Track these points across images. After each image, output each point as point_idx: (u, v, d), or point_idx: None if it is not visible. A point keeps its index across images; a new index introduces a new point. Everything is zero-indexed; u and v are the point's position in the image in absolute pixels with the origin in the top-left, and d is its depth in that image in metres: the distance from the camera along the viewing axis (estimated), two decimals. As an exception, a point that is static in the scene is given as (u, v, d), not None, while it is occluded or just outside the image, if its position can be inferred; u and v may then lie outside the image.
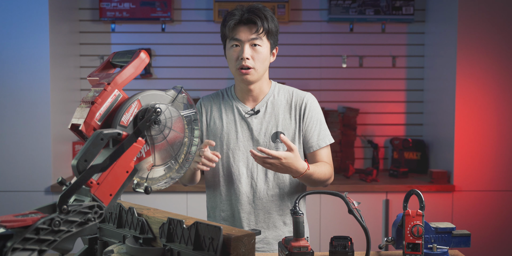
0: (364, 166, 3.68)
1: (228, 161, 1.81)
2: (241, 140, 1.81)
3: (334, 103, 3.68)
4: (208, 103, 1.88)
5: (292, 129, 1.82)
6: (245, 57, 1.71)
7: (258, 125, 1.81)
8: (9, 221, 0.88)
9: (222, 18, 1.81)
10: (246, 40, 1.72)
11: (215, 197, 1.86)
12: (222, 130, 1.83)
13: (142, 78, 3.61)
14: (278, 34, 1.81)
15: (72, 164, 0.98)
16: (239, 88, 1.84)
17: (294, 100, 1.84)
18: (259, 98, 1.84)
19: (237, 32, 1.72)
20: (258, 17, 1.71)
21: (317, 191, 1.45)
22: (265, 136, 1.80)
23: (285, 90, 1.87)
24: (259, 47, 1.73)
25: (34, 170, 3.04)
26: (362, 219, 1.33)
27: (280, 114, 1.82)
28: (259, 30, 1.71)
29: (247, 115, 1.82)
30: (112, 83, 1.07)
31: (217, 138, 1.83)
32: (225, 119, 1.83)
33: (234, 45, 1.74)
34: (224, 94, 1.89)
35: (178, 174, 1.22)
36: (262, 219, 1.81)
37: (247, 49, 1.72)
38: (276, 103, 1.83)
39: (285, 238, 1.35)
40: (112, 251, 1.26)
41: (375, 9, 3.54)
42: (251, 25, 1.72)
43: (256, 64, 1.73)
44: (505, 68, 3.14)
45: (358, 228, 1.55)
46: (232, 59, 1.75)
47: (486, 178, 3.15)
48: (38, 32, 3.03)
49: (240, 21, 1.72)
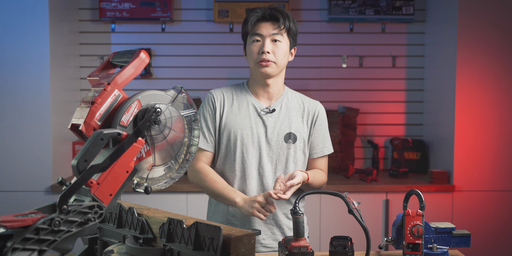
0: (364, 166, 3.68)
1: (242, 156, 1.83)
2: (255, 137, 1.83)
3: (334, 103, 3.68)
4: (220, 96, 1.88)
5: (304, 132, 1.86)
6: (266, 50, 1.75)
7: (272, 123, 1.84)
8: (9, 221, 0.88)
9: (244, 19, 1.86)
10: (268, 35, 1.77)
11: None
12: (235, 124, 1.84)
13: (142, 78, 3.61)
14: (297, 35, 1.86)
15: (72, 164, 0.98)
16: (256, 83, 1.86)
17: (307, 106, 1.89)
18: (274, 97, 1.87)
19: (259, 28, 1.78)
20: (281, 14, 1.77)
21: (317, 191, 1.45)
22: (278, 135, 1.83)
23: (296, 95, 1.93)
24: (280, 43, 1.78)
25: (34, 170, 3.04)
26: (362, 219, 1.33)
27: (293, 116, 1.86)
28: (281, 26, 1.76)
29: (262, 112, 1.84)
30: (112, 83, 1.07)
31: (231, 132, 1.83)
32: (239, 114, 1.84)
33: (256, 40, 1.78)
34: (237, 89, 1.90)
35: (178, 174, 1.22)
36: (270, 216, 1.85)
37: (268, 43, 1.77)
38: (289, 105, 1.87)
39: (285, 238, 1.35)
40: (112, 251, 1.26)
41: (375, 9, 3.54)
42: (273, 21, 1.77)
43: (276, 59, 1.77)
44: (505, 68, 3.14)
45: (358, 228, 1.55)
46: (252, 53, 1.79)
47: (486, 178, 3.15)
48: (38, 32, 3.03)
49: (263, 17, 1.78)
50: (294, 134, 1.84)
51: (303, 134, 1.86)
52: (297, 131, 1.84)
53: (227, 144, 1.84)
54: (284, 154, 1.83)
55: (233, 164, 1.83)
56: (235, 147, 1.82)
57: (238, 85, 1.92)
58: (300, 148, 1.86)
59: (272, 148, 1.82)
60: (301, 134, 1.85)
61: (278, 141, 1.82)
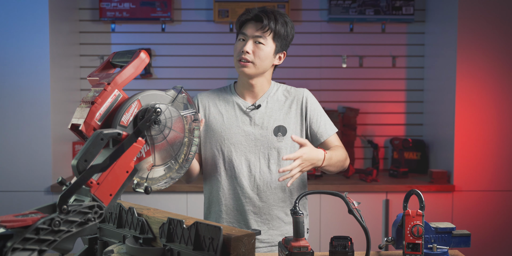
0: (364, 166, 3.68)
1: (230, 155, 1.83)
2: (243, 135, 1.84)
3: (334, 103, 3.68)
4: (205, 99, 1.91)
5: (293, 123, 1.87)
6: (245, 50, 1.78)
7: (260, 119, 1.85)
8: (9, 221, 0.88)
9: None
10: (251, 36, 1.79)
11: (218, 192, 1.87)
12: (223, 124, 1.85)
13: (142, 78, 3.61)
14: (289, 40, 1.86)
15: (72, 164, 0.98)
16: (241, 83, 1.89)
17: (293, 96, 1.90)
18: (259, 95, 1.89)
19: (245, 27, 1.81)
20: (267, 17, 1.78)
21: (317, 191, 1.45)
22: (267, 130, 1.84)
23: (282, 87, 1.94)
24: (262, 46, 1.79)
25: (34, 170, 3.04)
26: (362, 219, 1.33)
27: (281, 109, 1.87)
28: (265, 28, 1.77)
29: (248, 109, 1.86)
30: (112, 83, 1.07)
31: (217, 133, 1.85)
32: (225, 114, 1.87)
33: (241, 39, 1.82)
34: (222, 91, 1.93)
35: (178, 174, 1.22)
36: (266, 211, 1.83)
37: (250, 43, 1.79)
38: (275, 99, 1.89)
39: (285, 238, 1.35)
40: (112, 251, 1.26)
41: (375, 9, 3.54)
42: (259, 23, 1.79)
43: (255, 60, 1.79)
44: (505, 68, 3.13)
45: (358, 228, 1.55)
46: (235, 51, 1.83)
47: (486, 178, 3.15)
48: (38, 32, 3.03)
49: (251, 18, 1.80)
50: (283, 127, 1.84)
51: (293, 125, 1.86)
52: (286, 123, 1.85)
53: (214, 146, 1.85)
54: (276, 148, 1.83)
55: (221, 164, 1.84)
56: (222, 148, 1.84)
57: (224, 88, 1.95)
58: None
59: (263, 144, 1.83)
60: (290, 125, 1.85)
61: (268, 136, 1.83)
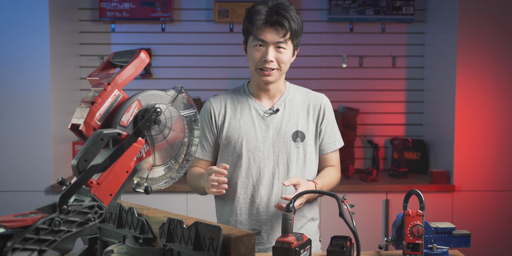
0: (364, 166, 3.68)
1: (248, 162, 1.76)
2: (261, 141, 1.77)
3: (334, 103, 3.67)
4: (218, 105, 1.82)
5: (311, 128, 1.80)
6: (269, 60, 1.68)
7: (278, 124, 1.78)
8: (9, 221, 0.88)
9: (246, 12, 1.74)
10: (272, 43, 1.69)
11: (233, 200, 1.79)
12: (239, 130, 1.77)
13: (142, 78, 3.61)
14: (301, 33, 1.77)
15: (72, 164, 0.98)
16: (256, 85, 1.80)
17: (312, 100, 1.83)
18: (276, 96, 1.81)
19: (263, 33, 1.68)
20: (286, 19, 1.66)
21: (316, 191, 1.45)
22: (285, 135, 1.77)
23: (300, 90, 1.86)
24: (283, 50, 1.70)
25: (34, 170, 3.04)
26: (353, 222, 1.31)
27: (299, 113, 1.80)
28: (286, 34, 1.68)
29: (266, 114, 1.78)
30: (112, 83, 1.07)
31: (235, 140, 1.77)
32: (241, 120, 1.78)
33: (258, 45, 1.70)
34: (237, 94, 1.83)
35: (178, 174, 1.22)
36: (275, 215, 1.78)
37: (271, 51, 1.69)
38: (293, 102, 1.81)
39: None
40: (112, 251, 1.26)
41: (375, 9, 3.54)
42: (278, 28, 1.68)
43: (280, 66, 1.71)
44: (505, 68, 3.13)
45: (358, 228, 1.55)
46: (254, 59, 1.71)
47: (486, 178, 3.15)
48: (38, 32, 3.03)
49: (267, 22, 1.67)
50: (301, 132, 1.77)
51: (311, 130, 1.79)
52: (304, 128, 1.78)
53: (232, 152, 1.78)
54: (294, 154, 1.76)
55: (240, 171, 1.77)
56: (240, 154, 1.76)
57: (237, 89, 1.85)
58: (310, 145, 1.79)
59: (281, 150, 1.76)
60: (308, 131, 1.78)
61: (286, 141, 1.76)
